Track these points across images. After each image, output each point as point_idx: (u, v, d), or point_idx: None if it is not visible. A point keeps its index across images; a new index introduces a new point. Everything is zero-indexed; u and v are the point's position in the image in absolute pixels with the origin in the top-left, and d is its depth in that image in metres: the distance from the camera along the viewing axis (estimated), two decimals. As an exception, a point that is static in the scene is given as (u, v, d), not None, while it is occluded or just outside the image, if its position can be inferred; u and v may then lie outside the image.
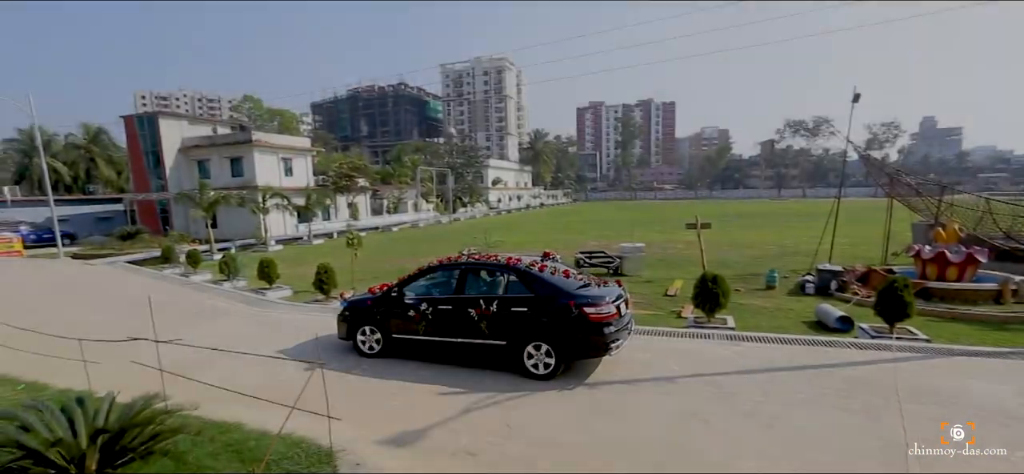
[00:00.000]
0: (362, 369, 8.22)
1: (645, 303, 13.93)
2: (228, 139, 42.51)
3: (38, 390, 7.65)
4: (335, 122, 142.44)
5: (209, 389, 6.84)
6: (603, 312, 7.43)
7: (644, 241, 21.76)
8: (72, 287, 18.77)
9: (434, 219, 58.14)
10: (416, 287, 8.88)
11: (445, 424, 6.18)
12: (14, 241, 33.68)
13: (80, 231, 42.05)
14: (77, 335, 7.99)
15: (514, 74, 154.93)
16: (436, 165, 77.73)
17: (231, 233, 37.26)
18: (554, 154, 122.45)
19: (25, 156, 56.21)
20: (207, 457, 5.22)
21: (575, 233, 37.01)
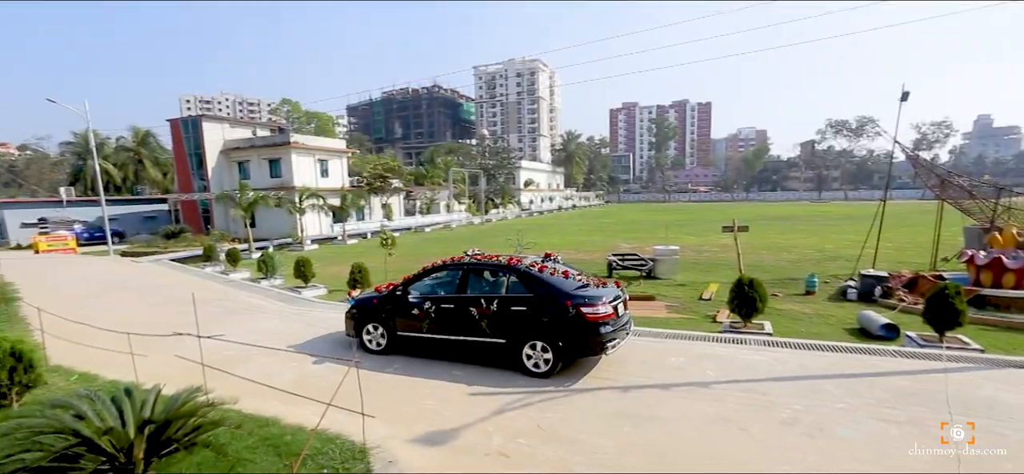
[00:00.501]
0: (395, 368, 8.31)
1: (679, 307, 13.70)
2: (267, 141, 43.72)
3: (89, 380, 7.99)
4: (370, 124, 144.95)
5: (247, 384, 7.05)
6: (600, 312, 7.57)
7: (678, 244, 21.40)
8: (121, 283, 19.57)
9: (466, 220, 58.50)
10: (420, 286, 9.10)
11: (477, 424, 6.19)
12: (69, 239, 35.47)
13: (128, 230, 43.96)
14: (125, 329, 8.34)
15: (547, 75, 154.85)
16: (468, 166, 78.23)
17: (269, 233, 38.30)
18: (587, 155, 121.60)
19: (80, 158, 59.08)
20: (246, 450, 5.36)
21: (607, 235, 36.69)
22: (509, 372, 8.00)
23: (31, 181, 75.87)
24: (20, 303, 15.03)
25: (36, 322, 11.04)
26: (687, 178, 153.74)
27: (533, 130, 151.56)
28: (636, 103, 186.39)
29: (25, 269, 23.69)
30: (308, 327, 11.53)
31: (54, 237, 35.48)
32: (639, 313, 13.07)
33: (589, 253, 25.96)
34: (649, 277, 18.13)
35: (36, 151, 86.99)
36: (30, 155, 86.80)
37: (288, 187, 39.12)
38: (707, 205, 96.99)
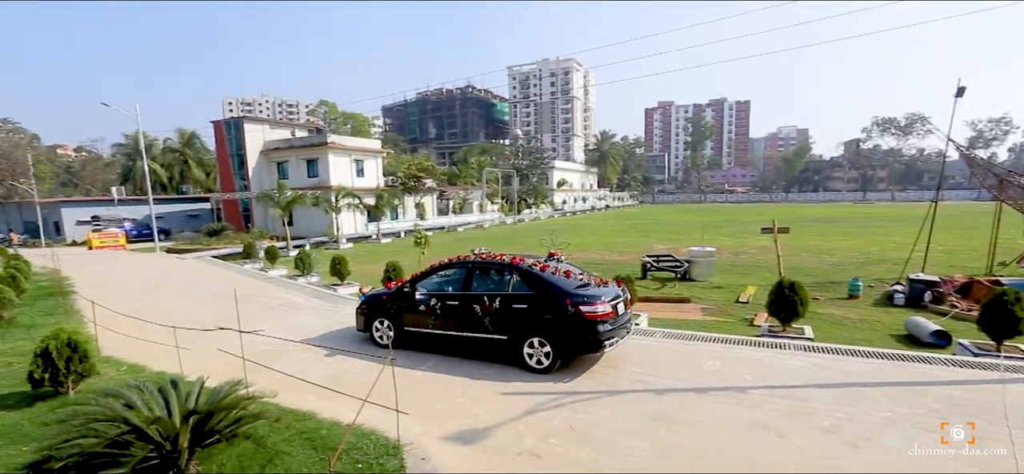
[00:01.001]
0: (428, 366, 8.38)
1: (715, 309, 13.44)
2: (305, 141, 44.78)
3: (138, 371, 8.32)
4: (404, 124, 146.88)
5: (285, 378, 7.22)
6: (598, 310, 7.69)
7: (714, 245, 20.98)
8: (166, 278, 20.36)
9: (499, 220, 58.68)
10: (427, 284, 9.32)
11: (509, 424, 6.19)
12: (119, 236, 37.15)
13: (173, 227, 45.73)
14: (170, 323, 8.67)
15: (581, 75, 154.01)
16: (501, 166, 78.43)
17: (306, 231, 39.24)
18: (621, 155, 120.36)
19: (130, 159, 61.84)
20: (283, 443, 5.50)
21: (641, 235, 36.25)
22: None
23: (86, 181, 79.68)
24: (75, 296, 15.80)
25: (89, 314, 11.60)
26: (724, 178, 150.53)
27: (567, 130, 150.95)
28: (672, 102, 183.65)
29: (79, 264, 24.89)
30: (343, 324, 11.74)
31: (106, 234, 37.20)
32: (674, 315, 12.88)
33: (622, 254, 25.69)
34: (684, 279, 17.84)
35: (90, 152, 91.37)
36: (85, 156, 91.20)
37: (325, 186, 39.98)
38: (744, 206, 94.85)
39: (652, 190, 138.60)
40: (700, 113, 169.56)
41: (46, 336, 7.05)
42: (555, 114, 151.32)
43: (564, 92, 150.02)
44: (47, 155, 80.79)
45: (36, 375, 6.93)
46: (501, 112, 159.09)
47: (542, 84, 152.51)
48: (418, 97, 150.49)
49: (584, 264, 21.42)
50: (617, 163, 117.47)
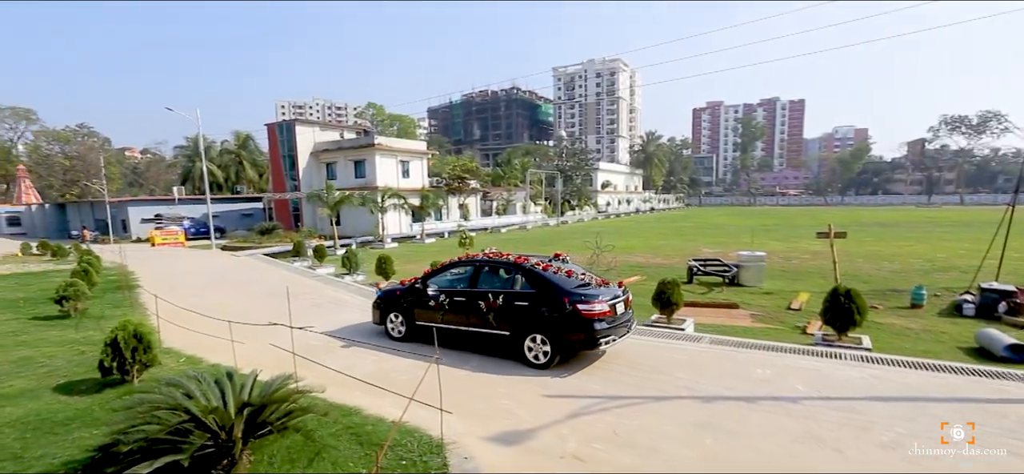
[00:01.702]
0: (471, 366, 8.44)
1: (765, 316, 12.99)
2: (353, 143, 45.90)
3: (195, 363, 8.72)
4: (449, 126, 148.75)
5: (333, 374, 7.41)
6: (595, 309, 7.95)
7: (764, 250, 20.28)
8: (221, 275, 21.27)
9: (542, 222, 58.58)
10: (438, 280, 9.77)
11: (552, 427, 6.16)
12: (179, 234, 39.14)
13: (228, 226, 47.78)
14: (225, 318, 9.04)
15: (627, 75, 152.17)
16: (545, 168, 78.28)
17: (352, 230, 40.21)
18: (667, 157, 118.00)
19: (190, 160, 65.07)
20: (330, 437, 5.65)
21: (688, 239, 35.44)
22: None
23: (150, 181, 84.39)
24: (139, 290, 16.72)
25: (152, 308, 12.26)
26: (775, 181, 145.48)
27: (612, 131, 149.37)
28: (721, 102, 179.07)
29: (143, 260, 26.33)
30: (389, 322, 11.92)
31: (167, 232, 39.28)
32: (721, 321, 12.52)
33: (667, 257, 25.18)
34: (732, 284, 17.32)
35: (154, 155, 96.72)
36: (150, 158, 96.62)
37: (371, 187, 40.87)
38: (797, 209, 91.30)
39: (699, 192, 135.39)
40: (751, 113, 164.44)
41: (115, 327, 7.47)
42: (600, 115, 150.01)
43: (609, 93, 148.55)
44: (116, 157, 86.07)
45: (106, 363, 7.37)
46: (545, 113, 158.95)
47: (587, 85, 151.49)
48: (463, 99, 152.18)
49: (629, 267, 21.20)
50: (663, 165, 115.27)
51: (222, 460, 4.86)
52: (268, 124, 48.42)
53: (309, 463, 5.12)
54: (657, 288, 10.95)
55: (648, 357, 8.71)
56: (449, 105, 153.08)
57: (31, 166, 70.56)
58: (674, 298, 10.77)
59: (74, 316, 12.58)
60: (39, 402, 6.96)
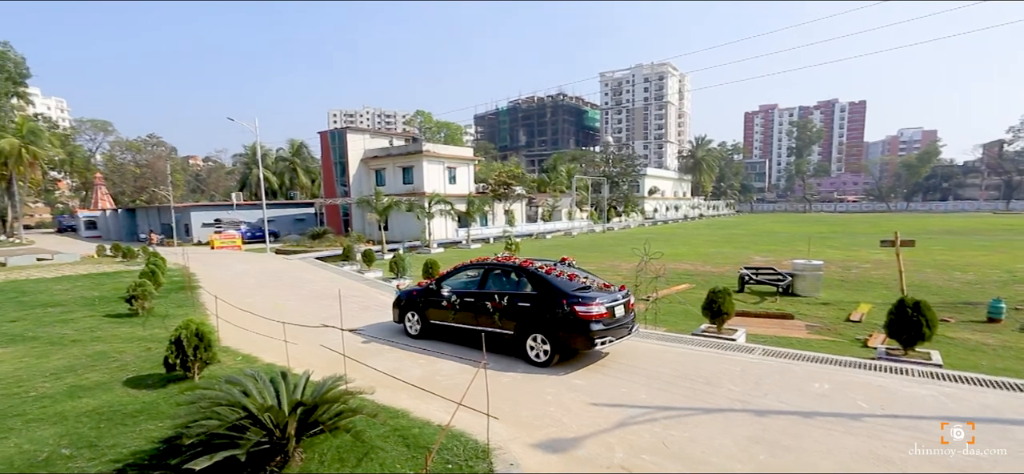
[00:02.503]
0: (516, 372, 8.43)
1: (822, 328, 12.45)
2: (401, 150, 46.88)
3: (251, 361, 9.05)
4: (495, 132, 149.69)
5: (381, 376, 7.55)
6: (592, 311, 8.30)
7: (821, 258, 19.43)
8: (275, 277, 22.06)
9: (587, 228, 58.12)
10: (451, 282, 10.39)
11: (599, 436, 6.06)
12: (236, 237, 40.97)
13: (282, 230, 49.67)
14: (279, 319, 9.37)
15: (676, 80, 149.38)
16: (591, 174, 77.69)
17: (400, 235, 41.00)
18: (717, 162, 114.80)
19: (247, 167, 68.11)
20: (379, 438, 5.74)
21: (739, 246, 34.39)
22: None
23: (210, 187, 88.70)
24: (200, 291, 17.56)
25: (212, 308, 12.85)
26: (832, 186, 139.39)
27: (660, 136, 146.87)
28: (775, 105, 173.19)
29: (203, 262, 27.65)
30: (435, 326, 12.07)
31: (225, 236, 41.22)
32: (774, 332, 12.08)
33: (717, 266, 24.50)
34: (786, 293, 16.71)
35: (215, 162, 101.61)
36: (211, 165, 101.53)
37: (419, 193, 41.60)
38: (856, 216, 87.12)
39: (750, 199, 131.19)
40: (807, 116, 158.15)
41: (178, 326, 7.87)
42: (648, 120, 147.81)
43: (658, 98, 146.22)
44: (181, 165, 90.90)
45: (170, 360, 7.76)
46: (592, 119, 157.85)
47: (635, 90, 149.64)
48: (509, 105, 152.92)
49: (677, 276, 20.74)
50: (713, 170, 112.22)
51: (276, 456, 5.03)
52: (321, 132, 50.09)
53: (358, 463, 5.23)
54: (707, 297, 10.63)
55: (698, 367, 8.47)
56: (495, 112, 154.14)
57: (107, 174, 75.51)
58: (725, 307, 10.43)
59: (142, 314, 13.32)
60: (111, 394, 7.40)
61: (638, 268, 13.15)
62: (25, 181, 53.54)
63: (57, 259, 29.89)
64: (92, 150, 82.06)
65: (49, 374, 8.48)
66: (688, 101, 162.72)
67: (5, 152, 46.69)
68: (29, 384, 7.97)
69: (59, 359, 9.41)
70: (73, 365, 8.98)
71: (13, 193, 51.89)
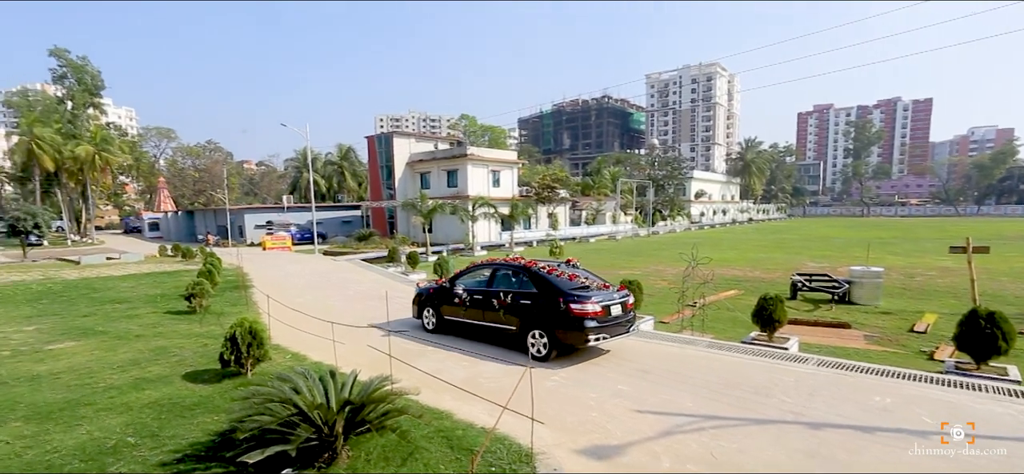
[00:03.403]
0: (558, 379, 8.35)
1: (882, 338, 11.83)
2: (446, 154, 47.47)
3: (300, 360, 9.31)
4: (539, 136, 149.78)
5: (425, 377, 7.63)
6: (587, 309, 8.71)
7: (881, 265, 18.48)
8: (323, 278, 22.67)
9: (632, 232, 57.29)
10: (463, 281, 10.99)
11: (644, 444, 5.93)
12: (287, 239, 42.41)
13: (330, 232, 51.08)
14: (326, 319, 9.61)
15: (725, 81, 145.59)
16: (636, 177, 76.59)
17: (443, 238, 41.47)
18: (767, 164, 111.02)
19: (297, 171, 70.51)
20: (423, 438, 5.79)
21: (791, 252, 33.15)
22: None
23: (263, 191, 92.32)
24: (253, 290, 18.23)
25: (263, 306, 13.32)
26: (893, 189, 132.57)
27: (707, 138, 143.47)
28: (830, 105, 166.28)
29: (255, 263, 28.72)
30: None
31: (276, 237, 42.72)
32: (830, 342, 11.56)
33: (768, 271, 23.68)
34: (842, 301, 15.98)
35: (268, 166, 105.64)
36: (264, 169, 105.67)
37: (463, 196, 41.98)
38: (920, 221, 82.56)
39: (802, 202, 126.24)
40: (866, 116, 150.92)
41: (233, 324, 8.18)
42: (695, 122, 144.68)
43: (706, 99, 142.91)
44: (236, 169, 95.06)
45: (225, 356, 8.08)
46: (637, 121, 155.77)
47: (682, 91, 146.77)
48: (553, 109, 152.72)
49: (725, 281, 20.14)
50: (763, 173, 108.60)
51: (324, 453, 5.15)
52: (368, 137, 51.34)
53: (403, 462, 5.28)
54: (758, 304, 10.25)
55: (747, 376, 8.18)
56: (539, 115, 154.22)
57: (169, 178, 79.79)
58: (777, 315, 10.03)
59: (199, 312, 13.93)
60: (171, 387, 7.76)
61: (685, 273, 12.83)
62: (97, 185, 57.20)
63: (124, 258, 31.69)
64: (156, 156, 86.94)
65: (116, 366, 8.98)
66: (737, 102, 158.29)
67: (81, 159, 50.02)
68: (99, 375, 8.46)
69: (125, 352, 9.96)
70: (137, 359, 9.48)
71: (87, 196, 55.51)
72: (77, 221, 58.82)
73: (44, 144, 48.58)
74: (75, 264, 28.43)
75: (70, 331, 11.98)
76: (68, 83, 54.11)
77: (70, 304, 15.83)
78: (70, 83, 54.00)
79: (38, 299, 16.82)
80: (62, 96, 55.56)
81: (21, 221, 32.90)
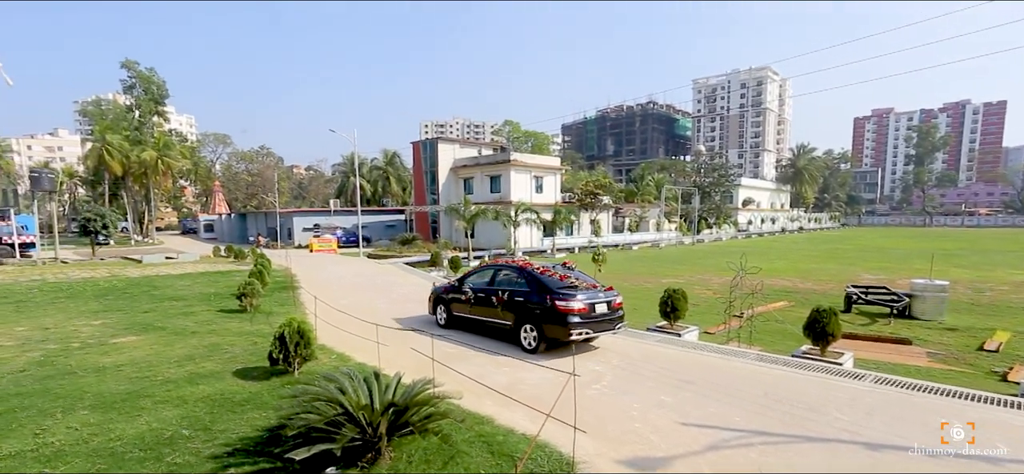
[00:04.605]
0: (601, 386, 8.23)
1: (948, 356, 11.16)
2: (490, 159, 47.77)
3: (344, 360, 9.50)
4: (583, 142, 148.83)
5: (466, 381, 7.64)
6: (571, 306, 9.51)
7: (945, 278, 17.45)
8: (368, 280, 23.11)
9: (676, 240, 56.14)
10: (470, 280, 11.90)
11: (688, 457, 5.75)
12: (333, 242, 43.56)
13: (374, 235, 52.17)
14: (370, 321, 9.78)
15: (776, 85, 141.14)
16: (681, 184, 75.08)
17: (485, 243, 41.66)
18: (820, 172, 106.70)
19: (344, 176, 72.52)
20: (464, 443, 5.80)
21: (844, 263, 31.75)
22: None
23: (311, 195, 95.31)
24: (300, 290, 18.78)
25: (310, 307, 13.68)
26: (960, 197, 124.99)
27: (756, 145, 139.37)
28: (891, 108, 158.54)
29: (302, 264, 29.58)
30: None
31: (323, 240, 43.97)
32: (888, 358, 10.99)
33: (819, 283, 22.75)
34: (901, 316, 15.18)
35: (316, 171, 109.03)
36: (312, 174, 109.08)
37: (505, 202, 42.13)
38: (989, 231, 77.55)
39: (858, 211, 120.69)
40: (930, 120, 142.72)
41: (282, 324, 8.43)
42: (743, 128, 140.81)
43: (755, 104, 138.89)
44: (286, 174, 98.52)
45: (273, 354, 8.33)
46: (683, 127, 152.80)
47: (730, 97, 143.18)
48: (597, 114, 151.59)
49: (774, 292, 19.44)
50: (815, 180, 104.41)
51: (367, 453, 5.23)
52: (413, 142, 52.30)
53: (444, 465, 5.30)
54: (810, 316, 9.80)
55: (798, 392, 7.83)
56: (583, 121, 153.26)
57: (223, 181, 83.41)
58: (830, 328, 9.55)
59: (249, 311, 14.44)
60: (223, 383, 8.06)
61: (732, 283, 12.44)
62: (159, 188, 60.42)
63: (181, 258, 33.26)
64: (213, 160, 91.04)
65: (173, 361, 9.41)
66: (789, 107, 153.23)
67: (146, 163, 53.01)
68: (157, 369, 8.88)
69: (181, 348, 10.42)
70: (192, 354, 9.90)
71: (150, 199, 58.70)
72: (140, 222, 62.23)
73: (113, 149, 51.79)
74: (137, 263, 30.04)
75: (132, 326, 12.65)
76: (136, 92, 57.58)
77: (132, 300, 16.72)
78: (138, 92, 57.48)
79: (104, 295, 17.83)
80: (131, 105, 59.10)
81: (91, 221, 35.11)
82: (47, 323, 12.96)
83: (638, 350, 10.35)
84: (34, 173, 35.68)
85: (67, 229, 65.66)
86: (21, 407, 7.08)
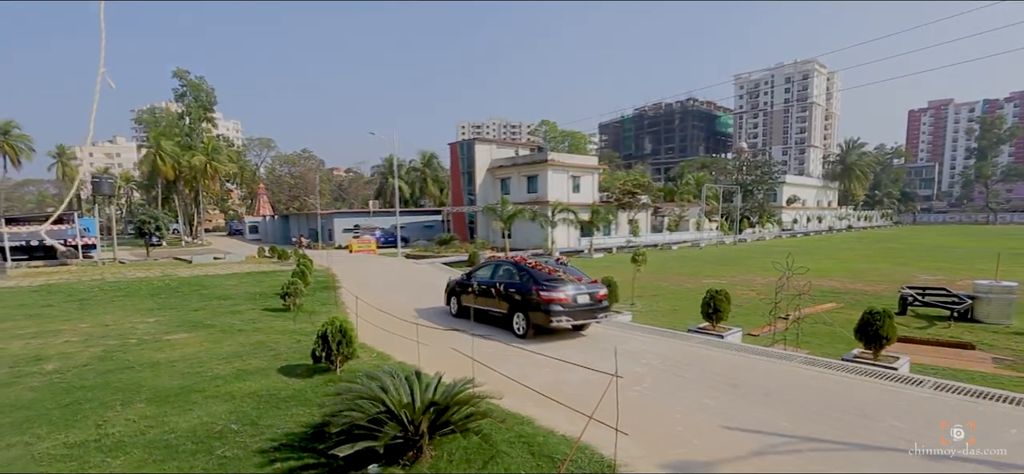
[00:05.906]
0: (641, 389, 8.08)
1: (1016, 362, 10.50)
2: (527, 159, 47.75)
3: (384, 359, 9.62)
4: (620, 141, 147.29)
5: (507, 381, 7.62)
6: (554, 296, 10.64)
7: (1013, 279, 16.42)
8: (407, 280, 23.40)
9: (717, 239, 54.84)
10: (477, 274, 13.12)
11: (733, 462, 5.57)
12: (372, 242, 44.36)
13: (412, 236, 52.89)
14: (411, 320, 9.88)
15: (824, 79, 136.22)
16: (722, 182, 73.32)
17: (522, 243, 41.65)
18: (871, 168, 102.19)
19: (383, 178, 73.86)
20: (504, 443, 5.78)
21: (898, 263, 30.33)
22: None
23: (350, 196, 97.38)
24: (341, 290, 19.16)
25: (351, 306, 13.95)
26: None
27: (801, 140, 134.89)
28: (949, 100, 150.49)
29: (343, 264, 30.20)
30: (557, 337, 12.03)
31: (362, 240, 44.86)
32: (948, 363, 10.41)
33: (871, 284, 21.81)
34: (963, 319, 14.38)
35: (355, 173, 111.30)
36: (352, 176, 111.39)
37: (542, 201, 42.02)
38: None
39: (912, 208, 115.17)
40: (994, 111, 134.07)
41: (324, 323, 8.61)
42: (788, 124, 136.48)
43: (800, 99, 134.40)
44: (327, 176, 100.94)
45: (316, 352, 8.51)
46: (724, 124, 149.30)
47: (774, 91, 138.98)
48: (635, 113, 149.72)
49: (822, 293, 18.72)
50: (866, 177, 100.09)
51: (408, 451, 5.28)
52: (450, 143, 52.83)
53: (484, 465, 5.30)
54: (862, 318, 9.36)
55: (850, 397, 7.49)
56: (620, 120, 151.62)
57: (268, 184, 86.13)
58: (884, 331, 9.08)
59: (293, 310, 14.82)
60: (268, 380, 8.29)
61: (777, 283, 12.02)
62: (207, 191, 62.89)
63: (228, 258, 34.46)
64: (257, 164, 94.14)
65: (222, 358, 9.74)
66: (837, 101, 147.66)
67: (196, 167, 55.32)
68: (207, 365, 9.22)
69: (229, 345, 10.78)
70: (239, 351, 10.22)
71: (199, 201, 61.16)
72: (190, 224, 64.92)
73: (166, 155, 54.24)
74: (188, 263, 31.31)
75: (184, 324, 13.17)
76: (187, 100, 60.11)
77: (184, 299, 17.42)
78: (189, 100, 59.99)
79: (158, 293, 18.64)
80: (182, 112, 61.76)
81: (146, 223, 36.87)
82: (107, 320, 13.66)
83: (680, 352, 10.12)
84: (95, 179, 37.76)
85: (124, 231, 69.16)
86: (85, 400, 7.47)
